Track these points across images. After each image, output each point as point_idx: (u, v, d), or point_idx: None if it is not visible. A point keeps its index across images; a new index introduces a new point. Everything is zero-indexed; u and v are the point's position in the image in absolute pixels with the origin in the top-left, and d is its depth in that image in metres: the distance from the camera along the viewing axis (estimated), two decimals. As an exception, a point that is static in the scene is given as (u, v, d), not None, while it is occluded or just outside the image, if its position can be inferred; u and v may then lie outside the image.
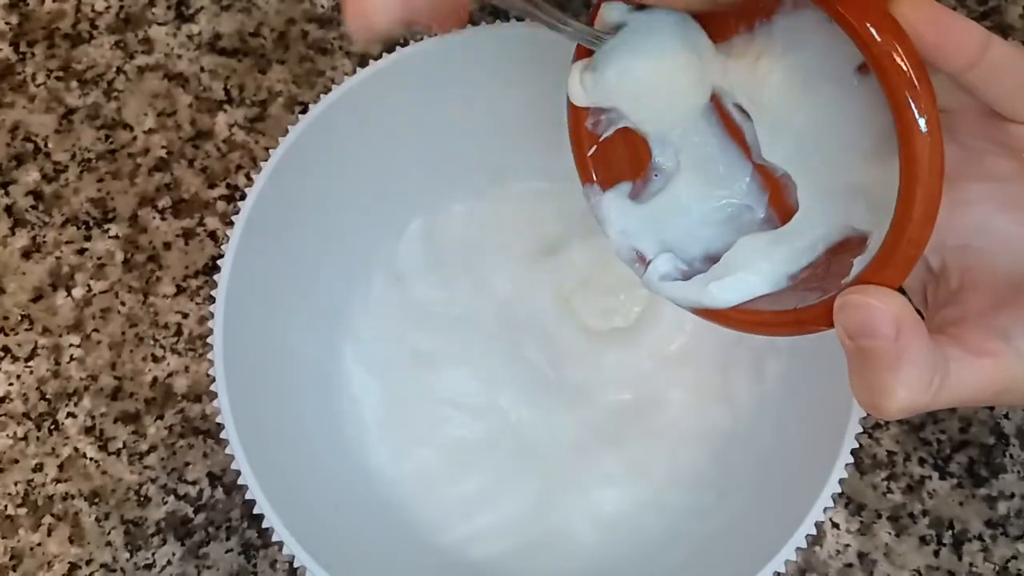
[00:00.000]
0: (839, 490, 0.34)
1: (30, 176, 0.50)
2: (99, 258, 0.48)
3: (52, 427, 0.45)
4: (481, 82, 0.41)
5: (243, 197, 0.38)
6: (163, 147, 0.50)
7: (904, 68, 0.26)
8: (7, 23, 0.52)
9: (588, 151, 0.34)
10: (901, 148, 0.26)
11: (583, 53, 0.33)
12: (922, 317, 0.31)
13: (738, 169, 0.34)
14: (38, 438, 0.45)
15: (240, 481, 0.35)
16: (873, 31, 0.26)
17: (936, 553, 0.42)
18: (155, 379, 0.46)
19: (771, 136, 0.32)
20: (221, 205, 0.49)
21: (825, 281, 0.30)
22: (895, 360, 0.26)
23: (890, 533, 0.43)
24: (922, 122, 0.26)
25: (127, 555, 0.43)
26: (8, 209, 0.49)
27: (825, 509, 0.34)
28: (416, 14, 0.30)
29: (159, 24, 0.52)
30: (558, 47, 0.34)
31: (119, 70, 0.51)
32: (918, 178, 0.26)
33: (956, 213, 0.30)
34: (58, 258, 0.48)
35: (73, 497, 0.44)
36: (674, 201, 0.35)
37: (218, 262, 0.38)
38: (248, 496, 0.35)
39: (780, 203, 0.33)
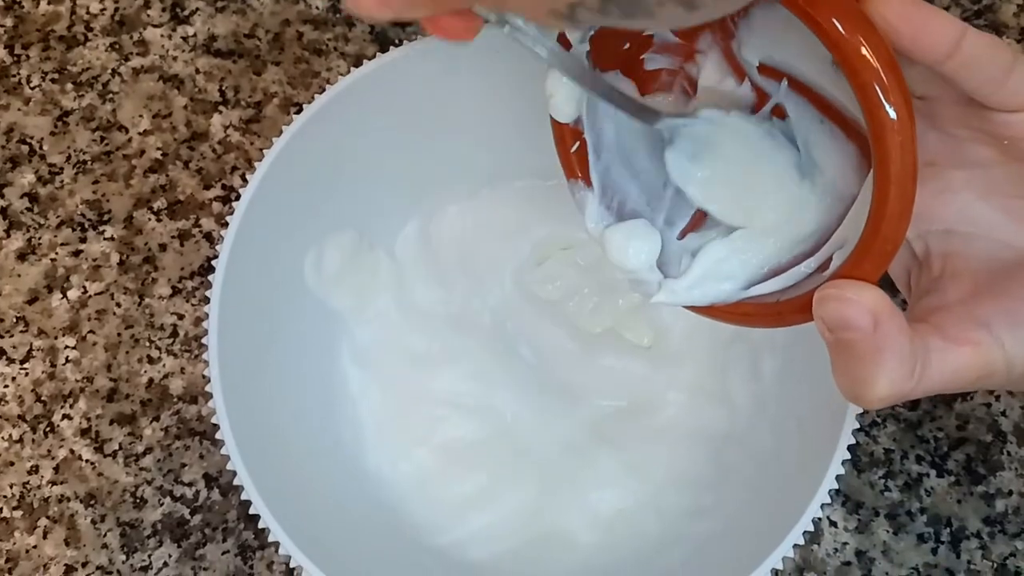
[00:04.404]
0: (836, 487, 0.34)
1: (25, 178, 0.49)
2: (94, 260, 0.48)
3: (48, 429, 0.45)
4: (475, 82, 0.41)
5: (239, 198, 0.38)
6: (158, 149, 0.50)
7: (873, 63, 0.25)
8: (1, 25, 0.52)
9: (571, 147, 0.34)
10: (873, 145, 0.26)
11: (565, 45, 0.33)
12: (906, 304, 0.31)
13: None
14: (33, 440, 0.45)
15: (236, 482, 0.35)
16: (839, 27, 0.26)
17: (934, 551, 0.42)
18: (151, 381, 0.46)
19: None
20: (216, 206, 0.48)
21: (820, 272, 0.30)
22: (874, 352, 0.27)
23: (888, 531, 0.43)
24: (893, 118, 0.26)
25: (123, 557, 0.43)
26: (3, 211, 0.49)
27: (823, 506, 0.34)
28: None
29: (154, 26, 0.52)
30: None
31: (114, 72, 0.51)
32: (891, 175, 0.26)
33: (939, 200, 0.30)
34: (53, 260, 0.48)
35: (69, 499, 0.44)
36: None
37: (213, 263, 0.38)
38: (244, 497, 0.35)
39: None
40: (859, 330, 0.27)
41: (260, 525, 0.35)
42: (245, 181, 0.38)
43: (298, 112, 0.39)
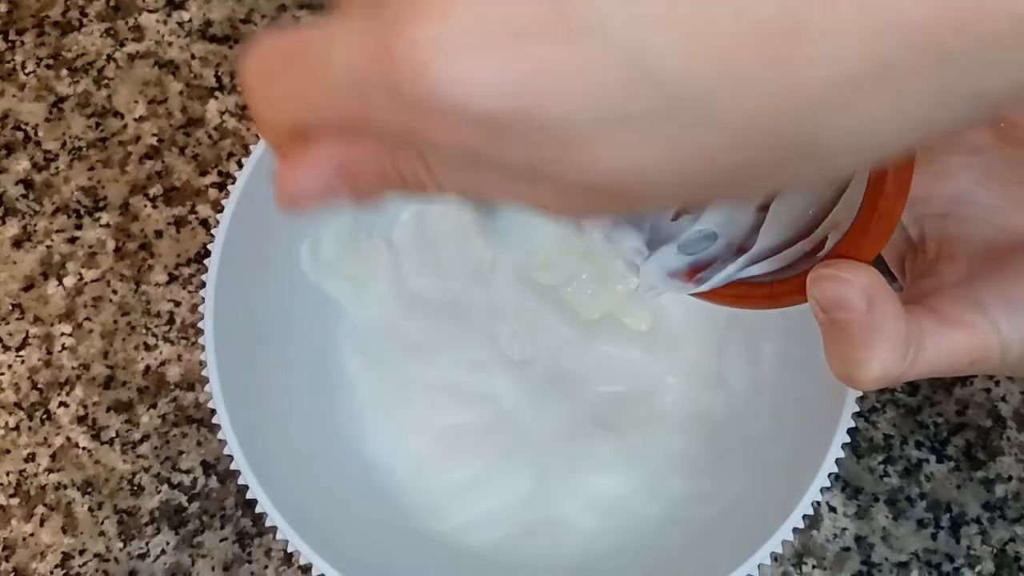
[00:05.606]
0: (836, 470, 0.34)
1: (20, 165, 0.49)
2: (90, 247, 0.48)
3: (44, 417, 0.45)
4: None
5: (235, 184, 0.38)
6: (154, 135, 0.49)
7: None
8: (-4, 11, 0.52)
9: None
10: None
11: None
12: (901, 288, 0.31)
13: None
14: (30, 428, 0.45)
15: (233, 467, 0.35)
16: None
17: (934, 536, 0.42)
18: (148, 368, 0.46)
19: None
20: (213, 192, 0.48)
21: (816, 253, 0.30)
22: (868, 333, 0.27)
23: (887, 516, 0.42)
24: None
25: (120, 545, 0.43)
26: (-2, 198, 0.49)
27: (822, 490, 0.34)
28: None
29: (149, 11, 0.52)
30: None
31: (109, 58, 0.51)
32: None
33: (935, 184, 0.30)
34: (49, 247, 0.48)
35: (66, 487, 0.44)
36: None
37: (209, 247, 0.37)
38: (241, 482, 0.35)
39: None
40: (853, 310, 0.27)
41: (258, 511, 0.34)
42: (241, 167, 0.38)
43: (294, 96, 0.39)
